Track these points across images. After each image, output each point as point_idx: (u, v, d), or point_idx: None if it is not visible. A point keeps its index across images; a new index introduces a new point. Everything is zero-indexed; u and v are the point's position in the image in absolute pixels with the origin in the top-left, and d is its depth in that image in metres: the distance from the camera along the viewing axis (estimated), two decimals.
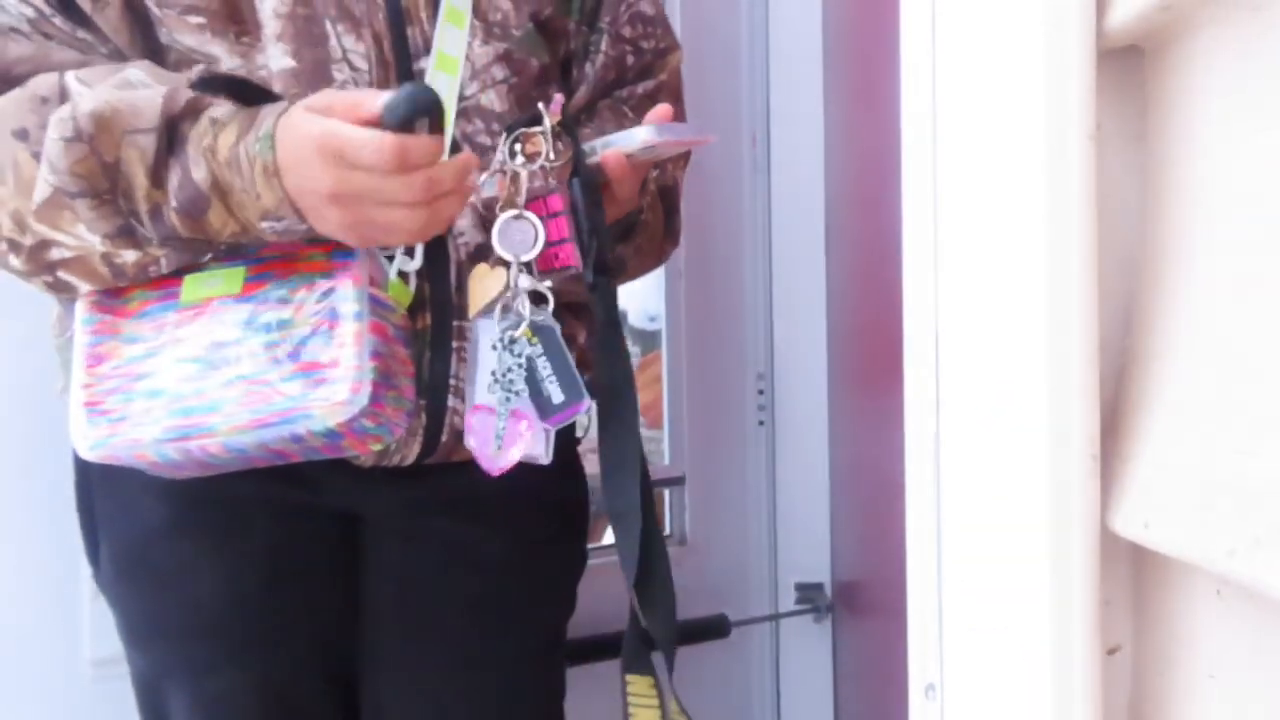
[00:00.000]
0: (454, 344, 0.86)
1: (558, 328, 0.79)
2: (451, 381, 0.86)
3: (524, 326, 0.78)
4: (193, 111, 0.73)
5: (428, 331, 0.85)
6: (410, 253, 0.80)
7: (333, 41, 0.82)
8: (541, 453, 0.78)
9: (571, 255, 0.78)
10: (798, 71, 1.71)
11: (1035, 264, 0.41)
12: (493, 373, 0.78)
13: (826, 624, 1.75)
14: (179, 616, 0.89)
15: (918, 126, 0.50)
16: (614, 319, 0.81)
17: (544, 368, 0.79)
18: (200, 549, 0.88)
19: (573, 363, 0.79)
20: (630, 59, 1.00)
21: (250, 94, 0.76)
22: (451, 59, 0.83)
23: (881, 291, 1.47)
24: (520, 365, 0.78)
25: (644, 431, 2.29)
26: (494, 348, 0.78)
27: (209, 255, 0.77)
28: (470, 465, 0.81)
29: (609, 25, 0.97)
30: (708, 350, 1.68)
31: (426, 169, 0.69)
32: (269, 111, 0.72)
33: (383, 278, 0.80)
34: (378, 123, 0.68)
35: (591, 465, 1.00)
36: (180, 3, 0.78)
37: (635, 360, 2.24)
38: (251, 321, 0.76)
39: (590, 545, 1.19)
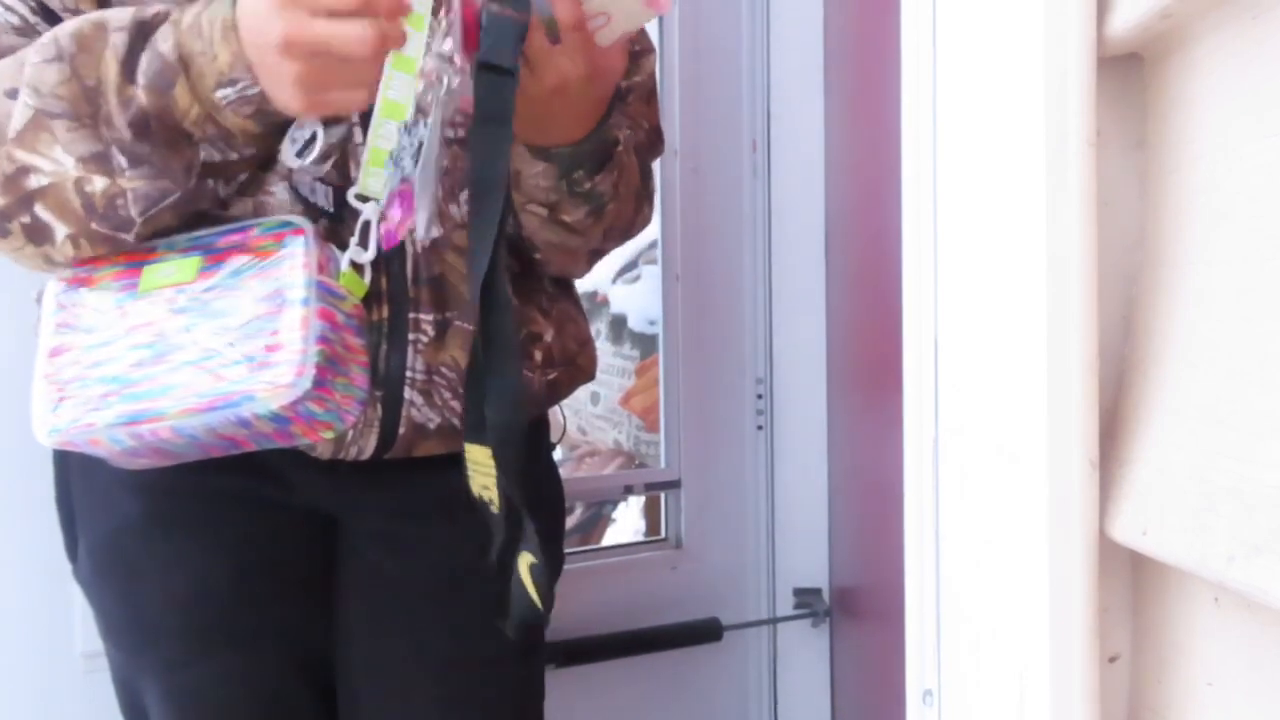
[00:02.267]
0: (410, 336, 0.86)
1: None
2: (408, 374, 0.86)
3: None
4: (163, 19, 0.75)
5: (384, 323, 0.85)
6: (364, 244, 0.79)
7: None
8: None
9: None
10: (798, 77, 1.72)
11: (1035, 270, 0.41)
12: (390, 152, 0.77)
13: (824, 629, 1.75)
14: (152, 610, 0.90)
15: (918, 133, 0.50)
16: (501, 115, 0.74)
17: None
18: (173, 542, 0.89)
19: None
20: None
21: None
22: None
23: (881, 297, 1.47)
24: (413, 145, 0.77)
25: (642, 434, 2.30)
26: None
27: (181, 185, 0.76)
28: (442, 465, 0.82)
29: None
30: (706, 354, 1.68)
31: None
32: None
33: (333, 267, 0.80)
34: None
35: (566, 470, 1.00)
36: None
37: (633, 363, 2.24)
38: (203, 308, 0.78)
39: (587, 548, 1.18)
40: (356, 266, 0.80)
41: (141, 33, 0.74)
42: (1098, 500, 0.41)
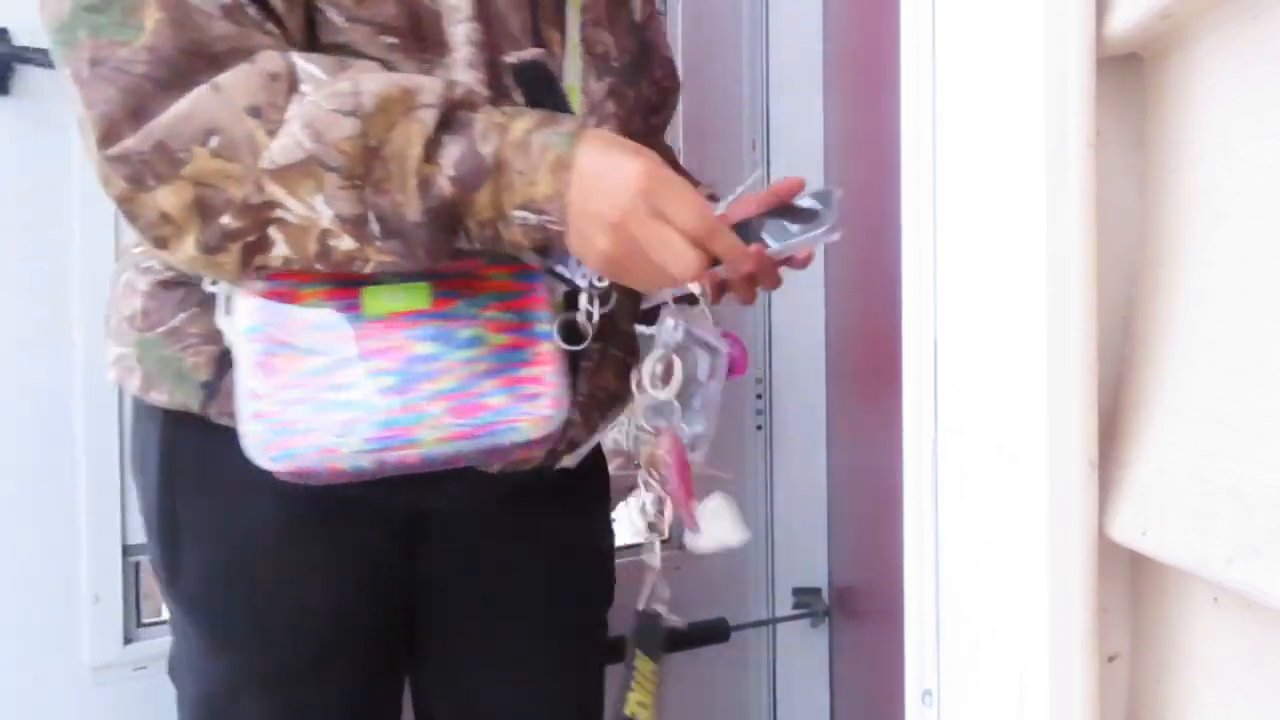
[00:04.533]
0: (581, 363, 0.91)
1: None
2: (577, 396, 0.91)
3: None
4: (469, 103, 0.74)
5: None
6: (605, 299, 0.82)
7: (505, 78, 0.85)
8: None
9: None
10: (798, 78, 1.72)
11: (1034, 270, 0.41)
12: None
13: (823, 629, 1.75)
14: (280, 621, 0.86)
15: (917, 133, 0.50)
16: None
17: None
18: (306, 552, 0.86)
19: None
20: (655, 98, 1.06)
21: (540, 95, 0.79)
22: None
23: (880, 297, 1.47)
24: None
25: (643, 434, 2.29)
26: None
27: (420, 266, 0.75)
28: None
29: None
30: None
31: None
32: (569, 118, 0.76)
33: (552, 300, 0.85)
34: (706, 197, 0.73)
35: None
36: (373, 21, 0.79)
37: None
38: (448, 337, 0.78)
39: None
40: (588, 314, 0.83)
41: (453, 115, 0.72)
42: (1097, 500, 0.41)
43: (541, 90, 0.80)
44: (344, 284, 0.78)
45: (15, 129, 1.14)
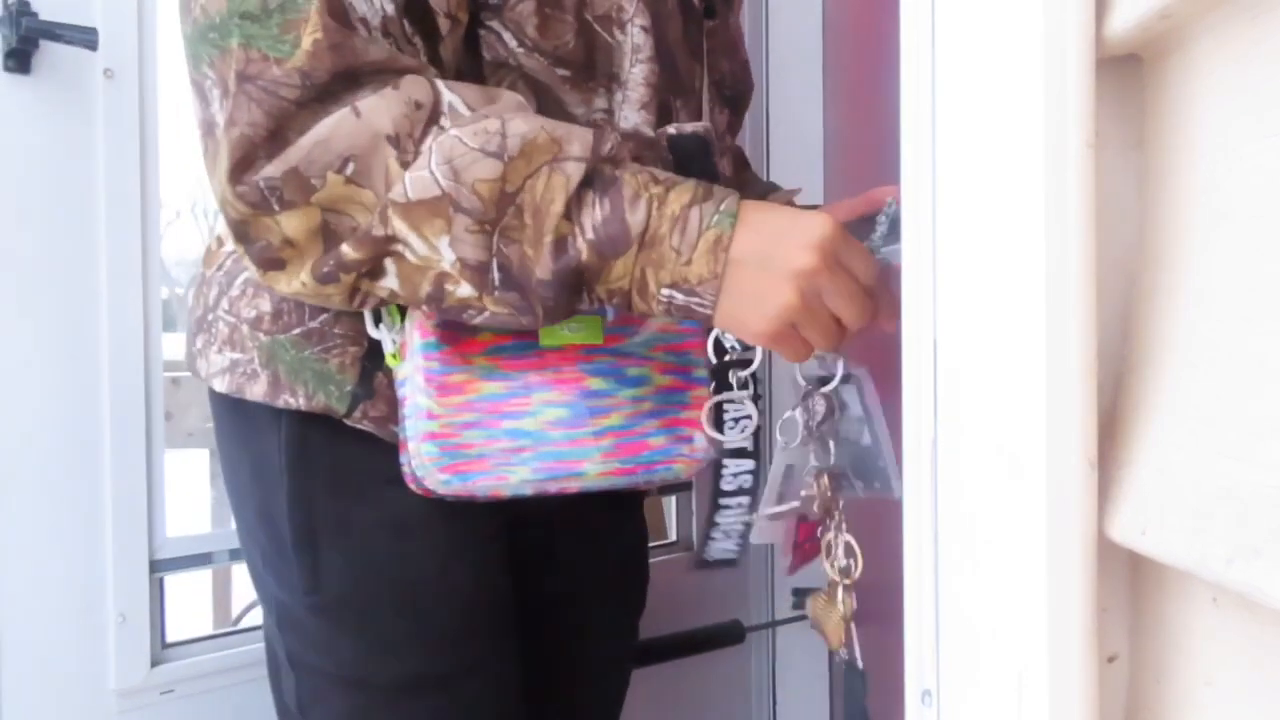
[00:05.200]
0: None
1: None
2: None
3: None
4: (616, 158, 0.71)
5: None
6: (748, 363, 0.85)
7: (679, 115, 0.85)
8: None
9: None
10: (798, 78, 1.72)
11: (1033, 271, 0.41)
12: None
13: None
14: (441, 616, 0.83)
15: (917, 133, 0.50)
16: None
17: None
18: (454, 539, 0.83)
19: None
20: (727, 94, 1.06)
21: (694, 168, 0.77)
22: None
23: None
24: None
25: None
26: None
27: (534, 324, 0.71)
28: None
29: None
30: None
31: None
32: (729, 192, 0.71)
33: None
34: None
35: None
36: (551, 53, 0.77)
37: None
38: (620, 374, 0.80)
39: None
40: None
41: (599, 171, 0.69)
42: (1097, 500, 0.41)
43: (697, 165, 0.79)
44: None
45: (37, 110, 1.08)
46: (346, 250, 0.67)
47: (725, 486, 0.84)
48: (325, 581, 0.82)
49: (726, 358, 0.82)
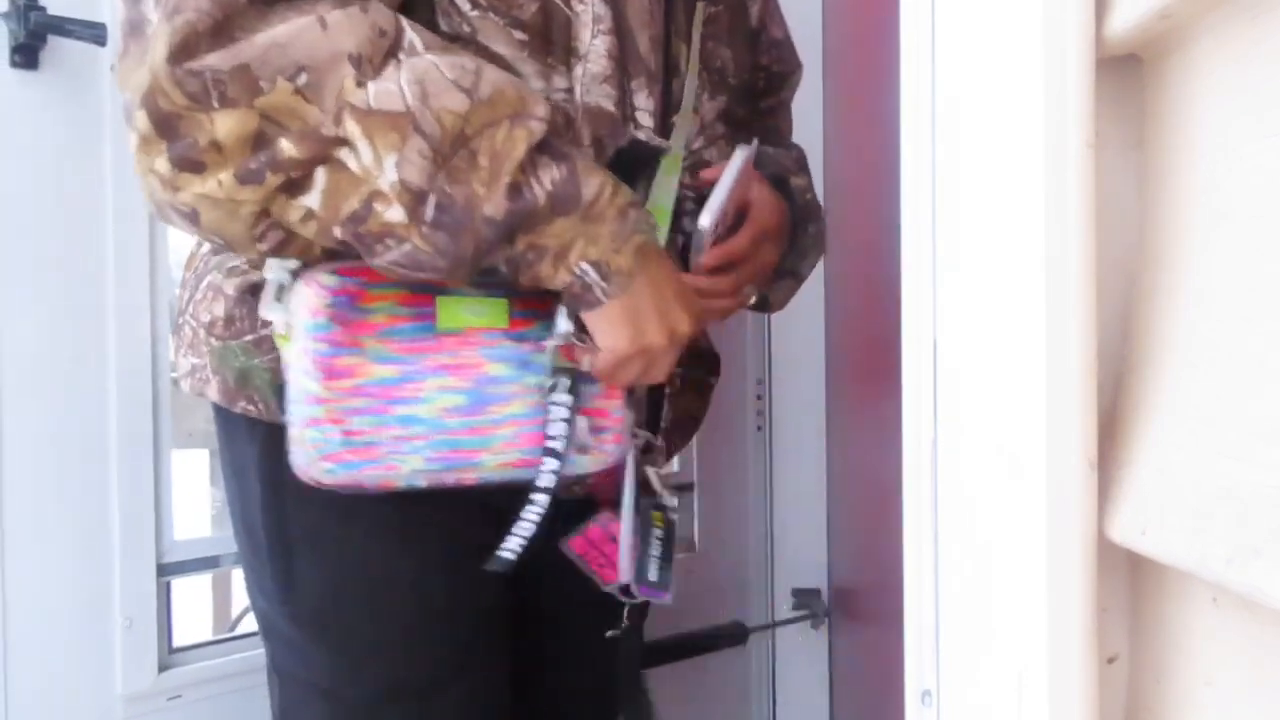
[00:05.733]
0: (665, 390, 0.93)
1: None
2: (660, 424, 0.93)
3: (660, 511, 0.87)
4: (560, 133, 0.74)
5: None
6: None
7: (634, 96, 0.84)
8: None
9: None
10: None
11: (1033, 271, 0.41)
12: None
13: (823, 629, 1.75)
14: (417, 623, 0.82)
15: (917, 133, 0.50)
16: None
17: (655, 548, 0.86)
18: (429, 552, 0.82)
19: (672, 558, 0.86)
20: (761, 82, 1.05)
21: (633, 178, 0.80)
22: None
23: (880, 297, 1.47)
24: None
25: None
26: (636, 511, 0.85)
27: (445, 271, 0.70)
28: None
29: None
30: None
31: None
32: (649, 214, 0.77)
33: None
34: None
35: None
36: (508, 14, 0.76)
37: None
38: (523, 360, 0.75)
39: None
40: None
41: (554, 141, 0.71)
42: (1096, 501, 0.41)
43: (638, 174, 0.81)
44: (419, 290, 0.73)
45: (45, 105, 1.07)
46: (285, 146, 0.64)
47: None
48: (301, 592, 0.81)
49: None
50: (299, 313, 0.71)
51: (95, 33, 1.05)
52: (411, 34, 0.67)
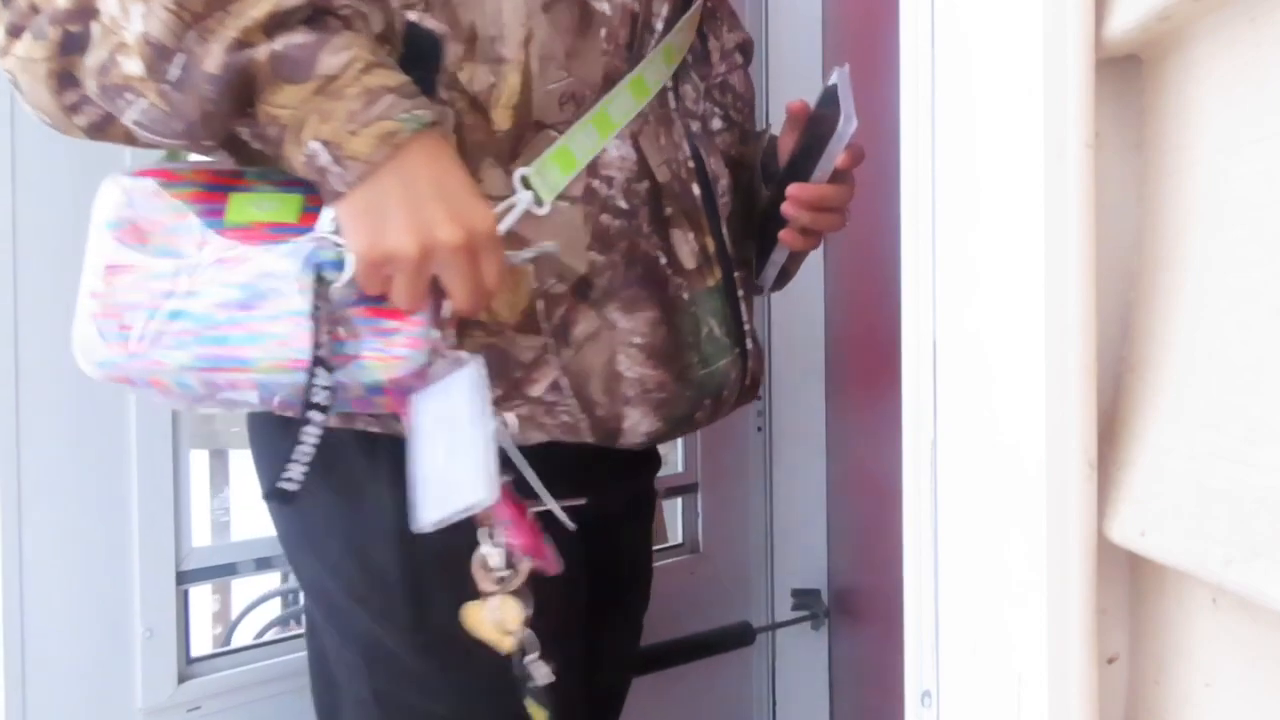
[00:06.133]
0: (739, 293, 0.91)
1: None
2: (745, 327, 0.91)
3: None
4: (350, 23, 0.68)
5: (720, 285, 0.89)
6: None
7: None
8: None
9: None
10: (798, 78, 1.72)
11: (1033, 272, 0.41)
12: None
13: (823, 630, 1.75)
14: (544, 646, 0.76)
15: (916, 133, 0.50)
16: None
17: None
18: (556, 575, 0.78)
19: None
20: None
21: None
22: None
23: (879, 298, 1.47)
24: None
25: None
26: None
27: (186, 131, 0.67)
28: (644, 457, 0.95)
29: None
30: None
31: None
32: (436, 108, 0.70)
33: None
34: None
35: None
36: None
37: None
38: (310, 256, 0.69)
39: None
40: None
41: (324, 18, 0.66)
42: (1096, 502, 0.41)
43: (419, 69, 0.73)
44: (212, 188, 0.71)
45: None
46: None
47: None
48: (436, 620, 0.78)
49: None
50: (96, 211, 0.71)
51: None
52: None
